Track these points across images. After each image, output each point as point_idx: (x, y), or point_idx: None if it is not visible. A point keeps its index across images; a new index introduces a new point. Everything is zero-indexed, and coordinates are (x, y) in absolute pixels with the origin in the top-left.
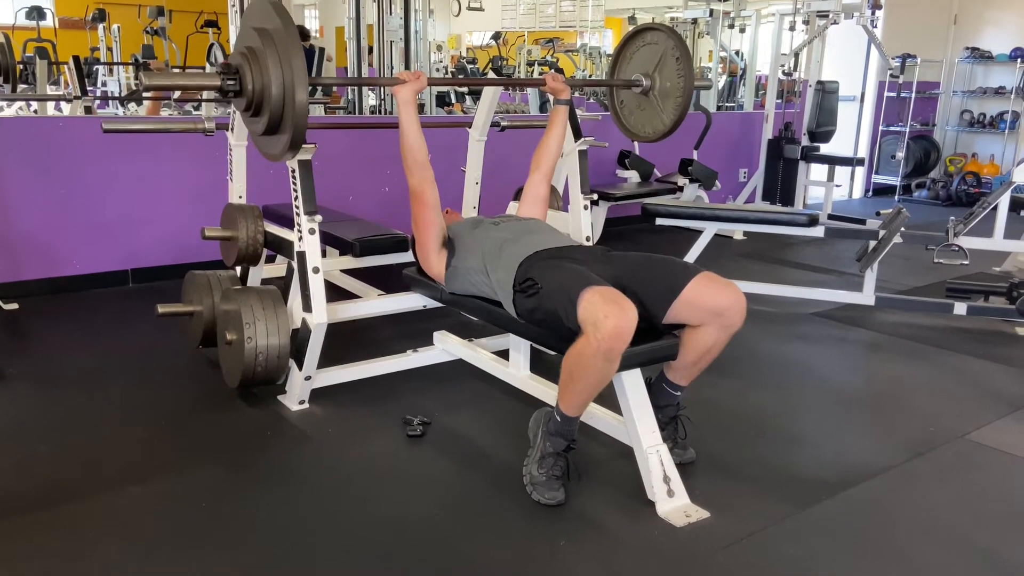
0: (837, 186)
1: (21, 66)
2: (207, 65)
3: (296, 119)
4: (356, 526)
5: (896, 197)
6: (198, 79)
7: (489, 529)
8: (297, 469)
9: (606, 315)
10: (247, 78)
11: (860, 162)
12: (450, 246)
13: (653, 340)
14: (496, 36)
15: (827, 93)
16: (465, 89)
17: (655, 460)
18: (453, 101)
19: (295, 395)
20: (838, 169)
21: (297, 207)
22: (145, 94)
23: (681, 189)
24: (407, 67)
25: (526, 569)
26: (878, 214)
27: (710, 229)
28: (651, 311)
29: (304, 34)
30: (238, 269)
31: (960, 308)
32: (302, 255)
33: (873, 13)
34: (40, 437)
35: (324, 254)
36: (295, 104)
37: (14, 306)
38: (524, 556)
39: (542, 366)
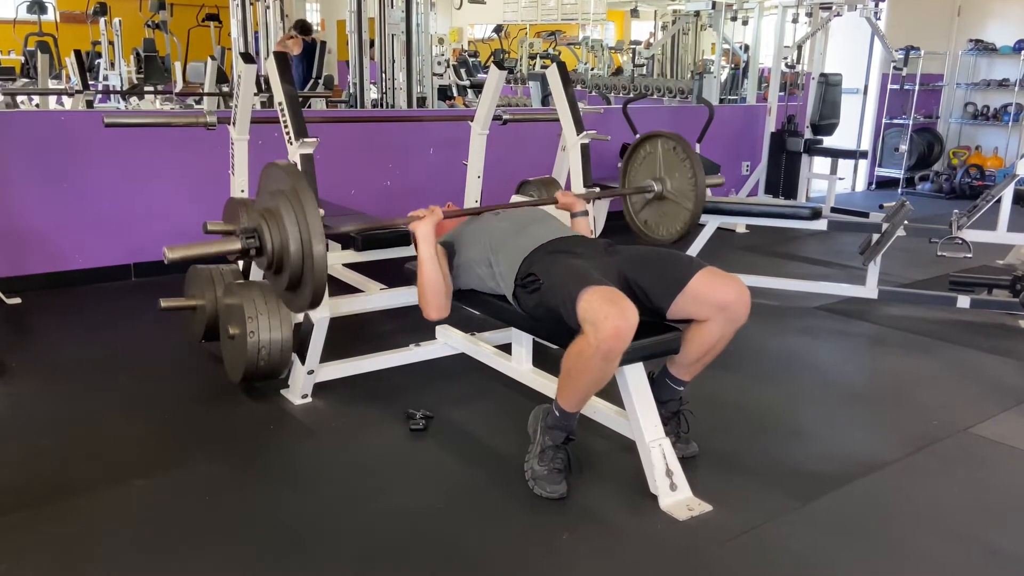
0: (840, 179)
1: (23, 60)
2: (208, 60)
3: (316, 273)
4: (359, 519)
5: (899, 190)
6: (222, 245)
7: (491, 522)
8: (300, 463)
9: (606, 316)
10: (266, 237)
11: (863, 155)
12: (450, 250)
13: (656, 334)
14: (498, 29)
15: (830, 86)
16: (467, 83)
17: (658, 454)
18: (455, 94)
19: (298, 389)
20: (841, 162)
21: None
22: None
23: None
24: (408, 62)
25: (528, 562)
26: (881, 207)
27: (713, 222)
28: (656, 305)
29: (306, 29)
30: (240, 263)
31: (963, 301)
32: None
33: (876, 5)
34: (43, 430)
35: (326, 248)
36: (314, 259)
37: (17, 300)
38: (526, 549)
39: (544, 360)
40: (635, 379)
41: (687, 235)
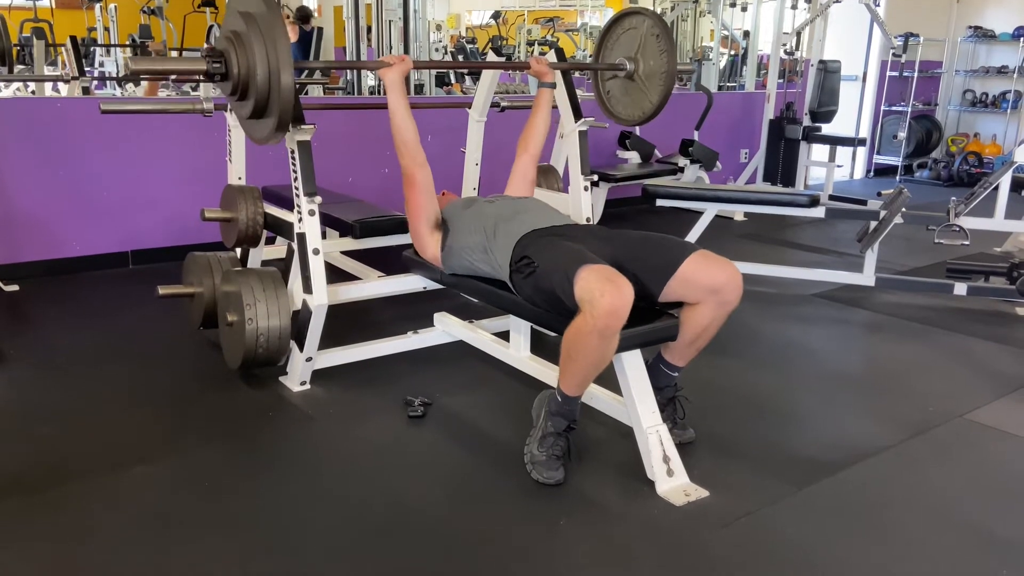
0: (838, 166)
1: (18, 47)
2: (205, 47)
3: (282, 102)
4: (357, 505)
5: (897, 177)
6: (184, 64)
7: (490, 508)
8: (299, 449)
9: (602, 293)
10: (232, 62)
11: (862, 142)
12: (444, 227)
13: (653, 321)
14: (496, 15)
15: (829, 73)
16: (464, 69)
17: (655, 440)
18: (453, 81)
19: (296, 376)
20: (839, 149)
21: (297, 188)
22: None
23: (682, 170)
24: (406, 48)
25: (526, 548)
26: (879, 195)
27: (711, 210)
28: (648, 288)
29: (305, 17)
30: (238, 251)
31: (960, 288)
32: (302, 236)
33: None
34: (42, 418)
35: (324, 236)
36: (280, 87)
37: (14, 288)
38: (524, 535)
39: (543, 347)
40: (632, 366)
41: (640, 125)
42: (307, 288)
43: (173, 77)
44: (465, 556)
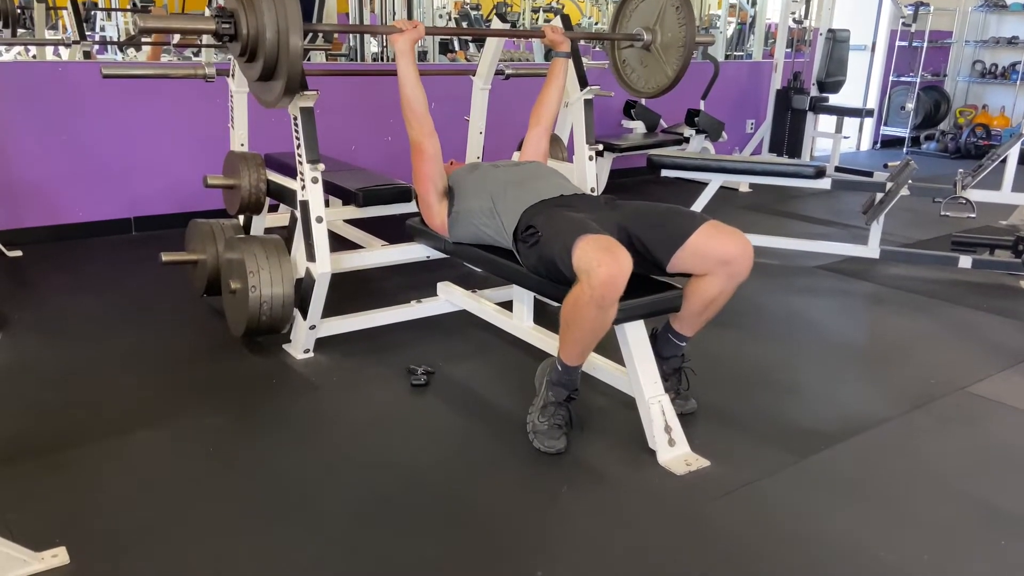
0: (845, 138)
1: (19, 10)
2: (206, 11)
3: (291, 65)
4: (360, 473)
5: (904, 149)
6: (193, 22)
7: (492, 476)
8: (302, 416)
9: (599, 263)
10: (242, 22)
11: (869, 113)
12: (450, 195)
13: (656, 292)
14: None
15: (838, 42)
16: (468, 36)
17: (657, 410)
18: (456, 49)
19: (300, 344)
20: (847, 120)
21: (300, 155)
22: (144, 38)
23: (687, 140)
24: (409, 15)
25: (528, 515)
26: (886, 166)
27: (716, 181)
28: (656, 258)
29: None
30: (241, 218)
31: (965, 261)
32: (305, 204)
33: None
34: (45, 383)
35: (327, 204)
36: (289, 49)
37: (18, 253)
38: (526, 502)
39: (545, 317)
40: (635, 336)
41: (656, 96)
42: (310, 256)
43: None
44: (467, 523)
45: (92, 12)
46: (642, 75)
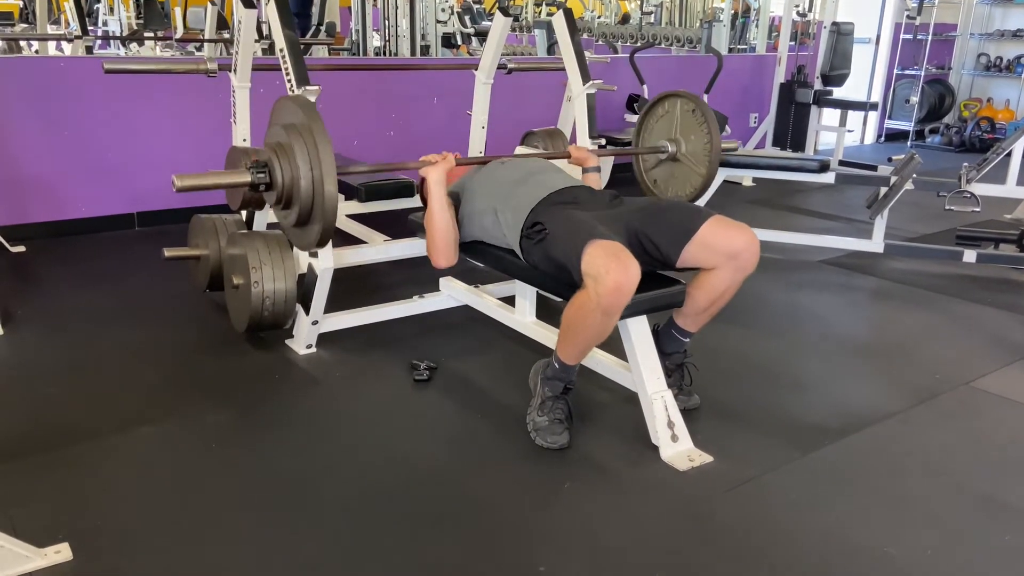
0: (849, 131)
1: (21, 5)
2: (208, 6)
3: (326, 212)
4: (362, 468)
5: (909, 143)
6: (230, 177)
7: (495, 471)
8: (305, 412)
9: (608, 270)
10: (276, 172)
11: (873, 107)
12: (455, 200)
13: (659, 287)
14: None
15: (842, 35)
16: (471, 30)
17: (659, 405)
18: (459, 43)
19: (302, 339)
20: (851, 114)
21: None
22: (147, 35)
23: None
24: (412, 7)
25: (531, 510)
26: (890, 160)
27: (719, 175)
28: (665, 253)
29: None
30: (243, 213)
31: (969, 256)
32: None
33: None
34: (49, 378)
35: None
36: (325, 197)
37: (21, 248)
38: (529, 497)
39: (548, 313)
40: (638, 332)
41: (696, 199)
42: (312, 252)
43: (180, 34)
44: (469, 518)
45: (95, 7)
46: (673, 187)
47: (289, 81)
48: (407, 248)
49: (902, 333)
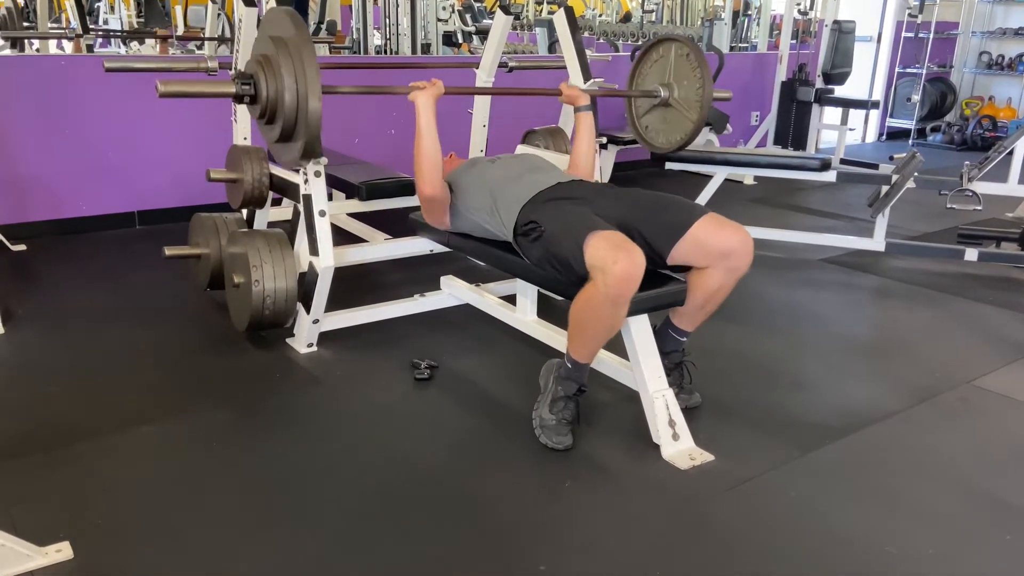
0: (851, 130)
1: (21, 3)
2: (209, 4)
3: (309, 128)
4: (364, 467)
5: (910, 141)
6: (215, 86)
7: (496, 470)
8: (305, 411)
9: (614, 260)
10: (261, 85)
11: (875, 105)
12: (450, 190)
13: (661, 286)
14: None
15: (843, 33)
16: (472, 28)
17: (661, 404)
18: (460, 41)
19: (303, 338)
20: (852, 112)
21: None
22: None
23: None
24: (413, 6)
25: (531, 509)
26: (892, 158)
27: (720, 174)
28: (655, 250)
29: None
30: (244, 212)
31: (971, 254)
32: (308, 198)
33: None
34: (50, 377)
35: (330, 197)
36: (308, 113)
37: (22, 247)
38: (530, 496)
39: (549, 311)
40: (639, 330)
41: (685, 146)
42: (313, 250)
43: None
44: (470, 517)
45: (95, 5)
46: (664, 132)
47: None
48: (408, 247)
49: (903, 332)
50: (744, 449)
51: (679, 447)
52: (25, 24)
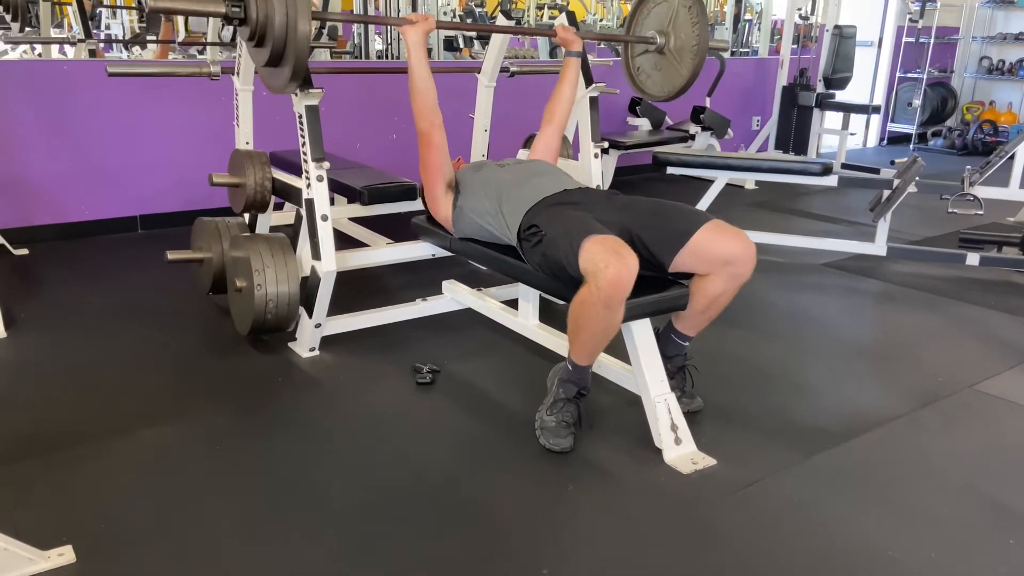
0: (852, 134)
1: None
2: None
3: (298, 50)
4: (366, 470)
5: (911, 146)
6: (204, 5)
7: (497, 474)
8: (308, 414)
9: (606, 264)
10: (251, 6)
11: (876, 110)
12: (456, 189)
13: (662, 290)
14: None
15: (844, 38)
16: (473, 33)
17: (663, 408)
18: (462, 46)
19: (305, 342)
20: (853, 117)
21: (305, 154)
22: (150, 36)
23: (693, 137)
24: (415, 9)
25: (533, 513)
26: (893, 163)
27: (722, 178)
28: (658, 258)
29: None
30: (246, 216)
31: (972, 258)
32: (310, 202)
33: None
34: (52, 380)
35: (332, 202)
36: (297, 34)
37: (24, 251)
38: (532, 500)
39: (551, 316)
40: (641, 335)
41: (677, 97)
42: (316, 254)
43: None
44: (472, 521)
45: (97, 10)
46: (657, 80)
47: None
48: (410, 251)
49: (905, 336)
50: (746, 453)
51: (681, 451)
52: (27, 29)
